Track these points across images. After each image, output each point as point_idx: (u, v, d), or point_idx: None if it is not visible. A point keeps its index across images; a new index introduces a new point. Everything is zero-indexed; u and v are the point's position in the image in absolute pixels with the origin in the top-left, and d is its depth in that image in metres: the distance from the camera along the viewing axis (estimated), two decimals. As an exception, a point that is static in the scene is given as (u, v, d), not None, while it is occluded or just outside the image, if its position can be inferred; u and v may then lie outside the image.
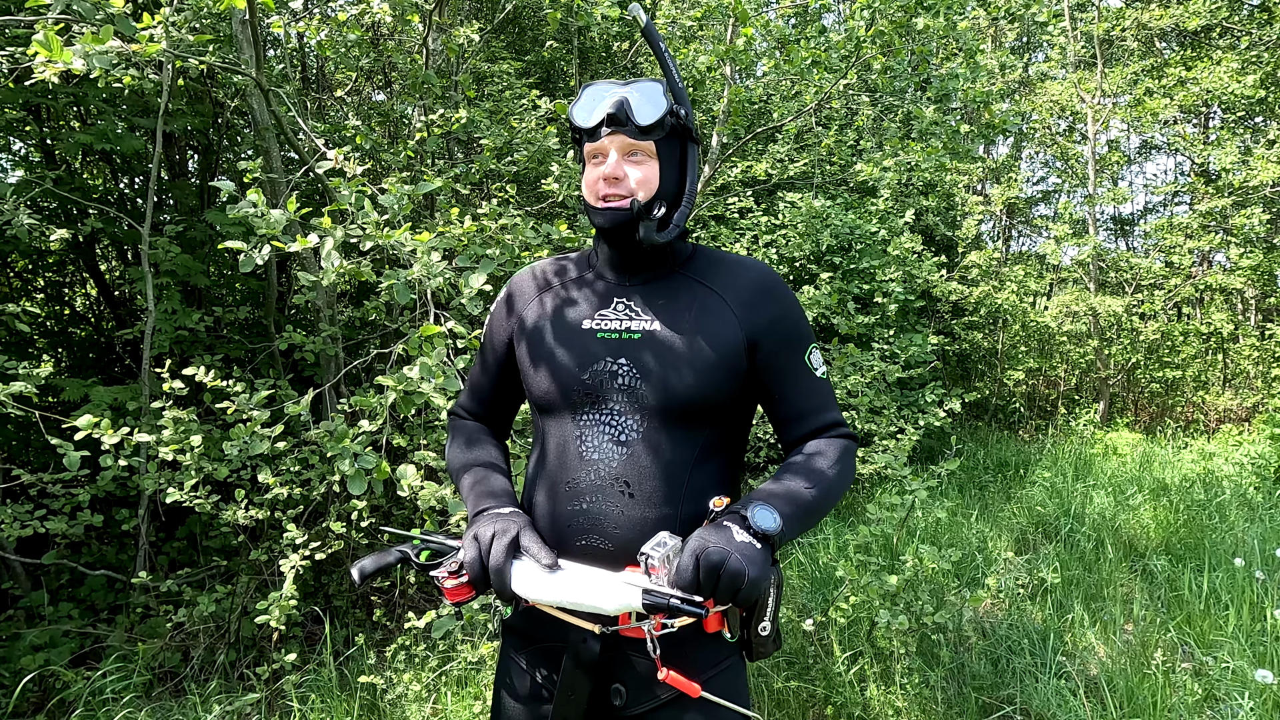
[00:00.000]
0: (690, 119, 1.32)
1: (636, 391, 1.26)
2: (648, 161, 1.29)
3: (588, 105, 1.29)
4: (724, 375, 1.27)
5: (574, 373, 1.29)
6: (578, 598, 1.14)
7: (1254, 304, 10.93)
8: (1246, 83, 8.81)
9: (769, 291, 1.34)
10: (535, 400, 1.35)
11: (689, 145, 1.34)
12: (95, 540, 3.95)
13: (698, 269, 1.36)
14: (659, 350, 1.27)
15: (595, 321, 1.33)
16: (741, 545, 1.09)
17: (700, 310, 1.31)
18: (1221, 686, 3.13)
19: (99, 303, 5.53)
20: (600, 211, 1.29)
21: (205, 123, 4.66)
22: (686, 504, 1.25)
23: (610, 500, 1.24)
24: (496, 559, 1.15)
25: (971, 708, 3.06)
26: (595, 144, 1.29)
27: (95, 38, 2.06)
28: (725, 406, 1.30)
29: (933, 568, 3.24)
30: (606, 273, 1.38)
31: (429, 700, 2.85)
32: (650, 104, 1.27)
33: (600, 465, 1.25)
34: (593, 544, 1.23)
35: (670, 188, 1.32)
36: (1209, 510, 5.59)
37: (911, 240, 6.51)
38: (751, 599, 1.07)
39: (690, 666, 1.22)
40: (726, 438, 1.33)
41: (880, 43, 4.25)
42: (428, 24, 4.08)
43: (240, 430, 2.49)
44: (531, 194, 5.07)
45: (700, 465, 1.27)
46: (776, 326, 1.32)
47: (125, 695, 2.94)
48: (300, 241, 2.39)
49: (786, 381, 1.33)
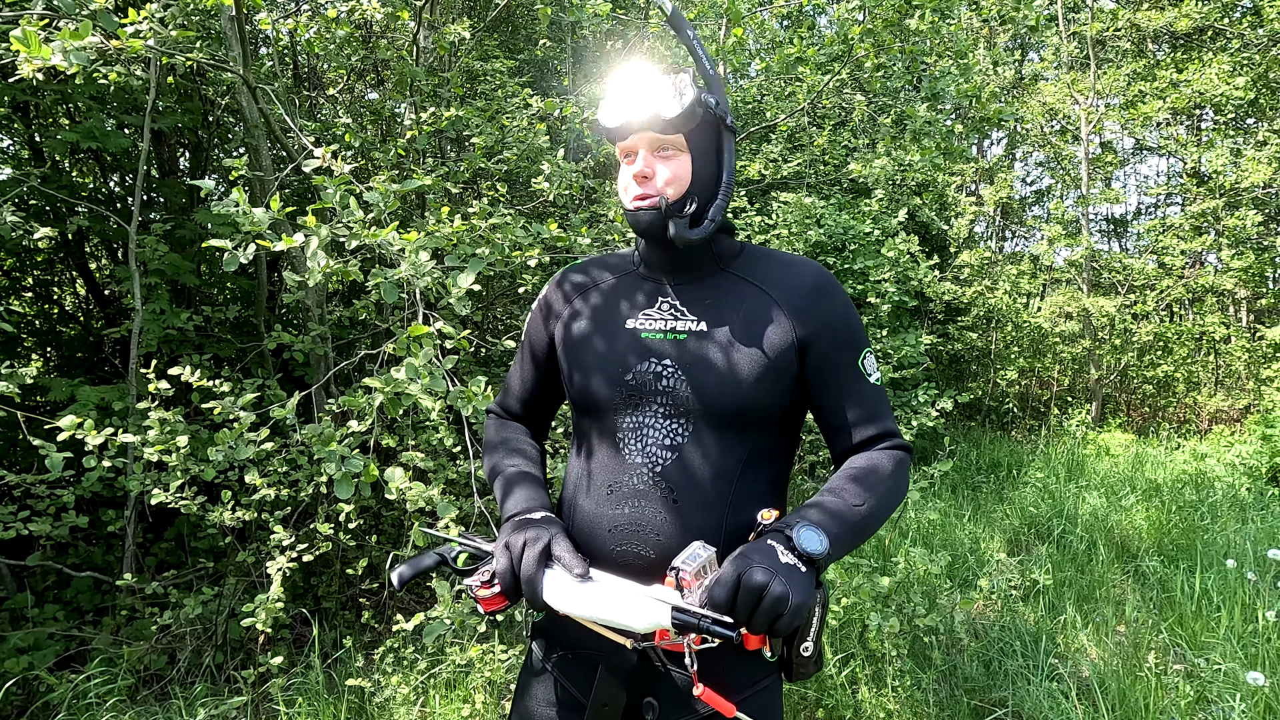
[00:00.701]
0: (723, 107, 1.25)
1: (681, 394, 1.21)
2: (678, 156, 1.23)
3: (613, 103, 1.24)
4: (773, 379, 1.22)
5: (616, 374, 1.25)
6: (608, 613, 1.09)
7: (1245, 305, 10.97)
8: (1237, 84, 8.84)
9: (823, 292, 1.27)
10: (576, 401, 1.31)
11: (724, 135, 1.27)
12: (82, 542, 3.91)
13: (745, 267, 1.31)
14: (705, 352, 1.23)
15: (639, 321, 1.28)
16: (786, 567, 1.03)
17: (749, 311, 1.25)
18: (1213, 688, 3.13)
19: (88, 301, 5.49)
20: (633, 213, 1.25)
21: (195, 120, 4.63)
22: (733, 513, 1.20)
23: (654, 506, 1.19)
24: (528, 569, 1.11)
25: (963, 711, 3.05)
26: (625, 143, 1.24)
27: (75, 34, 2.03)
28: (774, 412, 1.24)
29: (924, 569, 3.23)
30: (650, 271, 1.33)
31: (417, 703, 2.82)
32: (675, 95, 1.20)
33: (644, 469, 1.21)
34: (632, 550, 1.18)
35: (706, 181, 1.25)
36: (1201, 511, 5.60)
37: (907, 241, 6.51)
38: (792, 626, 1.01)
39: (727, 684, 1.17)
40: (775, 444, 1.28)
41: (871, 41, 4.24)
42: (419, 21, 4.05)
43: (226, 434, 2.46)
44: (523, 193, 5.05)
45: (748, 472, 1.22)
46: (830, 329, 1.26)
47: (109, 699, 2.91)
48: (286, 240, 2.36)
49: (839, 387, 1.27)
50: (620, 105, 1.23)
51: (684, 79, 1.22)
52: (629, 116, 1.21)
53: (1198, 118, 11.64)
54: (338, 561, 3.62)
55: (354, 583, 3.68)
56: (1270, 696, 2.96)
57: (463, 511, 2.99)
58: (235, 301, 4.82)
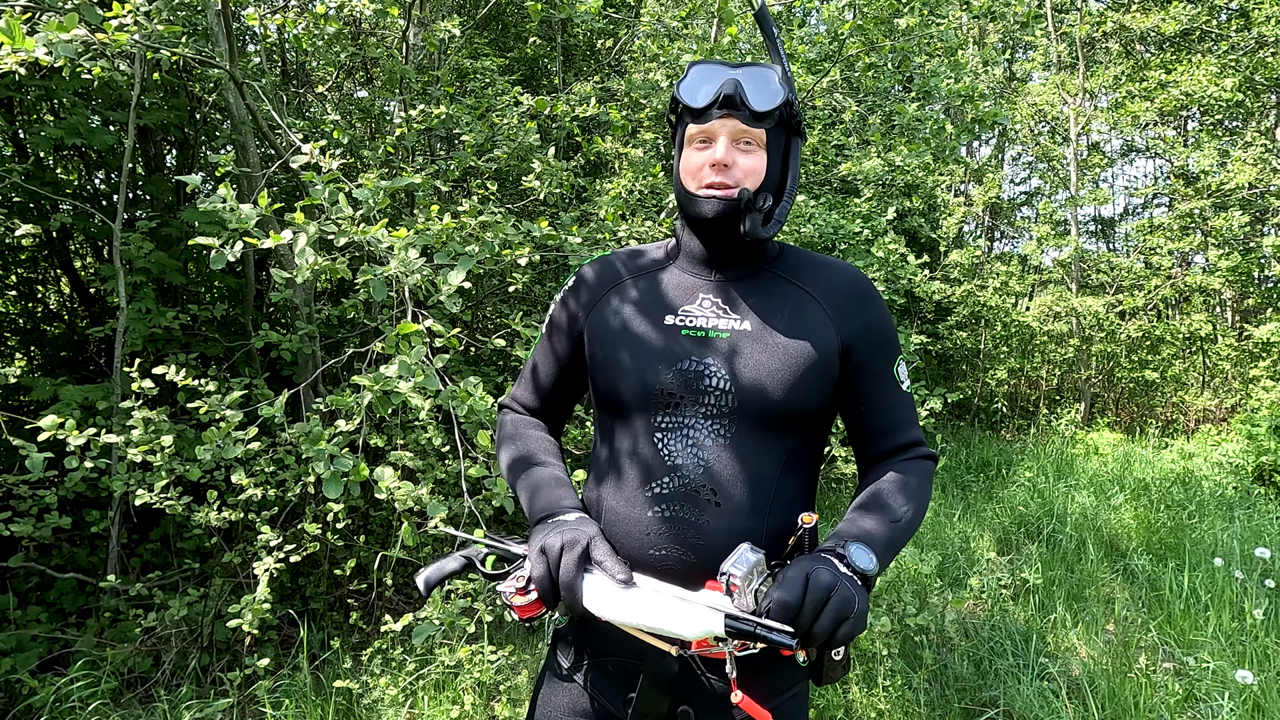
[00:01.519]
0: (799, 110, 1.24)
1: (726, 394, 1.18)
2: (757, 151, 1.21)
3: (699, 83, 1.21)
4: (817, 381, 1.20)
5: (656, 371, 1.20)
6: (656, 620, 1.04)
7: (1231, 305, 11.05)
8: (1225, 86, 8.90)
9: (865, 296, 1.27)
10: (607, 399, 1.26)
11: (794, 139, 1.26)
12: (65, 543, 3.86)
13: (788, 268, 1.29)
14: (751, 351, 1.19)
15: (679, 318, 1.24)
16: (846, 576, 1.03)
17: (793, 312, 1.23)
18: (1202, 686, 3.14)
19: (72, 300, 5.43)
20: (702, 200, 1.21)
21: (182, 117, 4.58)
22: (773, 516, 1.18)
23: (695, 509, 1.15)
24: (567, 574, 1.06)
25: (954, 710, 3.05)
26: (703, 126, 1.20)
27: (59, 26, 2.00)
28: (815, 414, 1.23)
29: (915, 569, 3.23)
30: (692, 266, 1.29)
31: (405, 704, 2.80)
32: (767, 90, 1.19)
33: (684, 471, 1.17)
34: (672, 554, 1.15)
35: (774, 181, 1.23)
36: (1189, 510, 5.63)
37: (895, 241, 6.52)
38: (855, 633, 1.00)
39: (763, 690, 1.15)
40: (810, 447, 1.26)
41: (862, 39, 4.24)
42: (409, 18, 4.03)
43: (213, 433, 2.43)
44: (513, 191, 5.03)
45: (786, 475, 1.20)
46: (871, 333, 1.25)
47: (92, 702, 2.87)
48: (274, 238, 2.34)
49: (875, 391, 1.26)
50: (708, 86, 1.20)
51: (773, 75, 1.21)
52: (719, 100, 1.18)
53: (1185, 119, 11.72)
54: (325, 562, 3.59)
55: (342, 583, 3.65)
56: (1259, 694, 2.97)
57: (452, 511, 2.96)
58: (222, 300, 4.78)
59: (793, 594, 0.99)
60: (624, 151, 4.52)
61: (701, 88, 1.20)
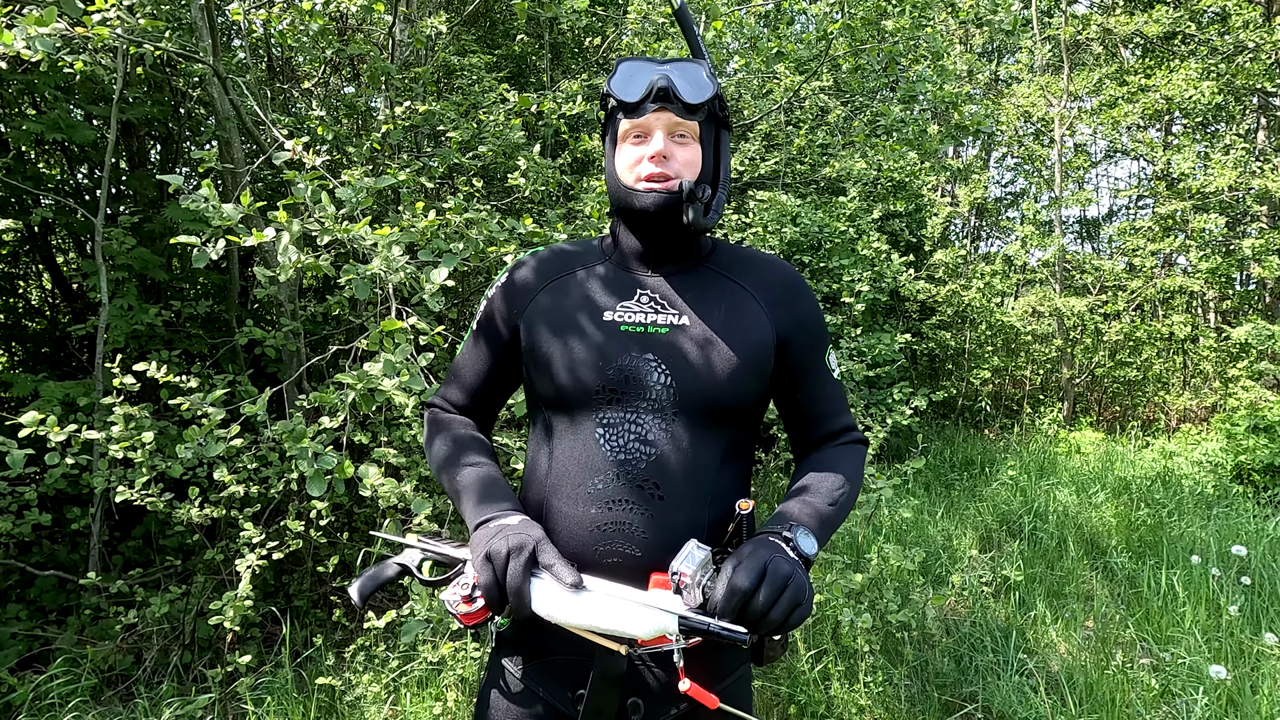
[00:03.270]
0: (726, 104, 1.28)
1: (667, 389, 1.19)
2: (692, 143, 1.23)
3: (631, 78, 1.22)
4: (755, 374, 1.23)
5: (596, 368, 1.20)
6: (608, 623, 1.05)
7: (1213, 306, 11.16)
8: (1204, 89, 8.99)
9: (798, 290, 1.31)
10: (546, 396, 1.25)
11: (722, 132, 1.29)
12: (45, 540, 3.84)
13: (722, 263, 1.31)
14: (691, 346, 1.21)
15: (617, 314, 1.24)
16: (797, 563, 1.06)
17: (730, 307, 1.25)
18: (1178, 682, 3.18)
19: (54, 296, 5.38)
20: (642, 193, 1.22)
21: (165, 112, 4.55)
22: (714, 507, 1.20)
23: (640, 504, 1.16)
24: (514, 580, 1.05)
25: (934, 706, 3.08)
26: (638, 120, 1.22)
27: (38, 19, 1.99)
28: (752, 406, 1.26)
29: (898, 565, 3.25)
30: (628, 262, 1.30)
31: (388, 701, 2.80)
32: (697, 84, 1.22)
33: (627, 467, 1.17)
34: (618, 549, 1.16)
35: (709, 172, 1.26)
36: (1168, 508, 5.69)
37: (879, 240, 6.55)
38: (805, 618, 1.04)
39: (707, 675, 1.17)
40: (746, 438, 1.28)
41: (849, 39, 4.26)
42: (394, 14, 4.02)
43: (193, 432, 2.42)
44: (499, 189, 5.02)
45: (725, 466, 1.22)
46: (804, 326, 1.29)
47: (72, 699, 2.85)
48: (256, 235, 2.33)
49: (809, 382, 1.31)
50: (640, 80, 1.22)
51: (701, 70, 1.23)
52: (652, 93, 1.20)
53: (1168, 122, 11.82)
54: (309, 559, 3.58)
55: (325, 580, 3.64)
56: (1232, 690, 3.02)
57: (436, 509, 2.96)
58: (206, 296, 4.75)
59: (748, 580, 1.01)
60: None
61: (633, 83, 1.22)
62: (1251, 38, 8.95)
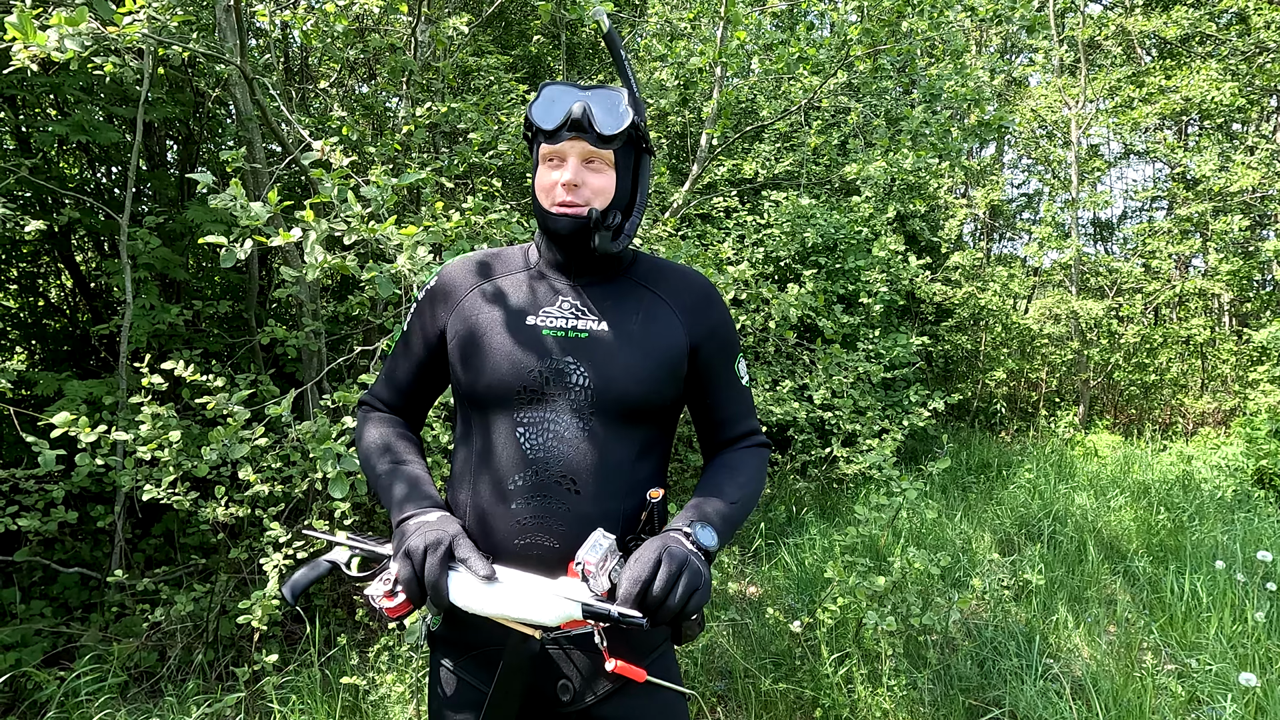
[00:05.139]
0: (645, 130, 1.33)
1: (585, 390, 1.26)
2: (606, 170, 1.29)
3: (549, 106, 1.28)
4: (668, 376, 1.31)
5: (518, 369, 1.27)
6: (520, 611, 1.13)
7: (1229, 309, 11.07)
8: (1225, 90, 8.92)
9: (710, 300, 1.39)
10: (470, 395, 1.32)
11: (643, 156, 1.35)
12: (69, 537, 3.86)
13: (641, 274, 1.39)
14: (608, 350, 1.28)
15: (539, 319, 1.31)
16: (694, 553, 1.16)
17: (647, 314, 1.33)
18: (1205, 689, 3.15)
19: (74, 295, 5.42)
20: (555, 217, 1.28)
21: (186, 112, 4.57)
22: (629, 499, 1.28)
23: (557, 498, 1.24)
24: (432, 574, 1.13)
25: (959, 710, 3.05)
26: (553, 146, 1.28)
27: (69, 19, 2.00)
28: (666, 406, 1.34)
29: (921, 568, 3.24)
30: (551, 271, 1.37)
31: (412, 702, 2.80)
32: (614, 114, 1.27)
33: (546, 463, 1.25)
34: (538, 542, 1.23)
35: (623, 197, 1.33)
36: (1188, 513, 5.64)
37: (895, 241, 6.53)
38: (703, 602, 1.14)
39: (631, 654, 1.24)
40: (662, 434, 1.37)
41: (868, 42, 4.25)
42: (416, 15, 4.02)
43: (218, 433, 2.43)
44: (516, 188, 5.03)
45: (640, 461, 1.31)
46: (715, 334, 1.38)
47: (100, 696, 2.87)
48: (283, 236, 2.34)
49: (718, 386, 1.40)
50: (557, 109, 1.27)
51: (620, 98, 1.28)
52: (567, 123, 1.25)
53: (1184, 124, 11.74)
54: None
55: (345, 580, 3.65)
56: (1261, 697, 2.98)
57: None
58: (226, 296, 4.77)
59: (646, 570, 1.12)
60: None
61: (552, 110, 1.28)
62: (1273, 38, 8.87)
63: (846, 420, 5.13)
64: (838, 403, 4.88)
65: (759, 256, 5.95)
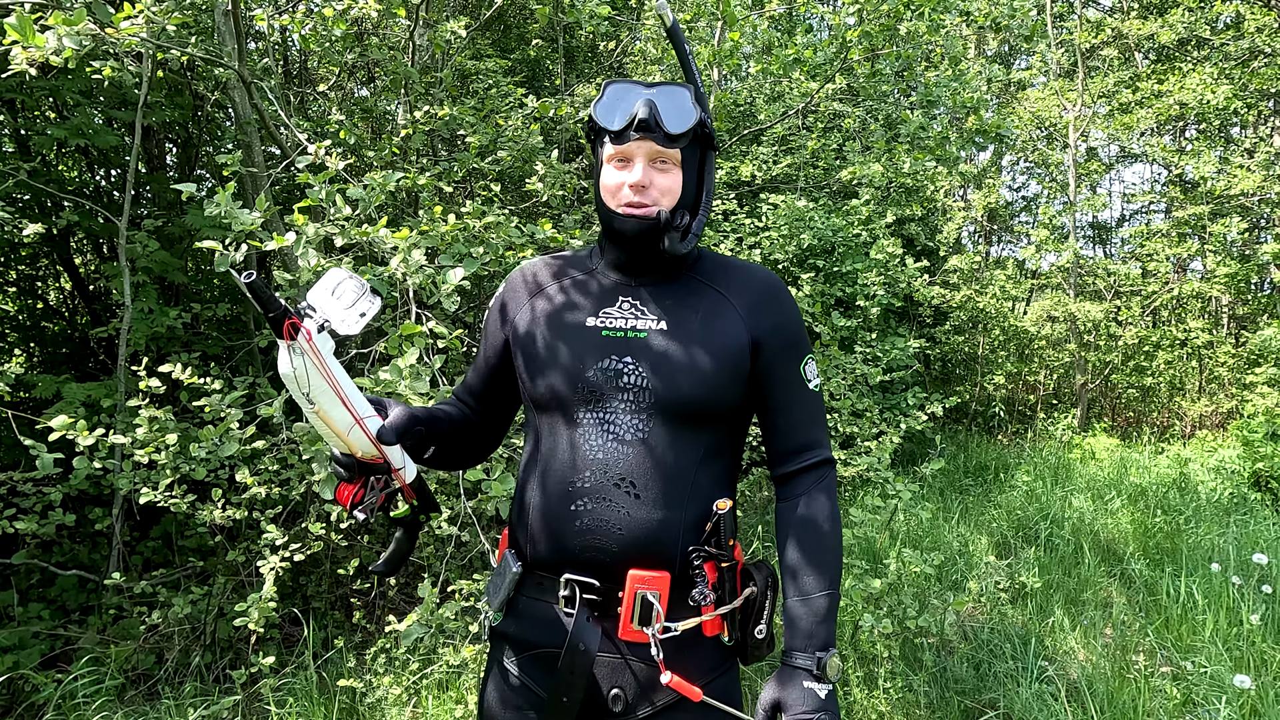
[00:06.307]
0: (711, 126, 1.30)
1: (644, 390, 1.24)
2: (673, 170, 1.26)
3: (614, 105, 1.26)
4: (730, 377, 1.26)
5: (577, 370, 1.26)
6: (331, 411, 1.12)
7: (1228, 312, 11.09)
8: (1220, 93, 8.94)
9: (775, 295, 1.34)
10: (533, 398, 1.32)
11: (708, 153, 1.32)
12: (67, 539, 3.86)
13: (704, 272, 1.35)
14: (667, 350, 1.26)
15: (599, 319, 1.30)
16: (828, 702, 1.17)
17: (707, 312, 1.30)
18: (1200, 691, 3.16)
19: (74, 297, 5.42)
20: (623, 218, 1.26)
21: (185, 116, 4.58)
22: (691, 506, 1.23)
23: (615, 501, 1.21)
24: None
25: (954, 712, 3.06)
26: (620, 147, 1.25)
27: (68, 21, 2.01)
28: (729, 408, 1.29)
29: (916, 571, 3.24)
30: (611, 272, 1.35)
31: (409, 704, 2.81)
32: (681, 112, 1.24)
33: (605, 465, 1.22)
34: (596, 545, 1.21)
35: (690, 196, 1.30)
36: (1185, 515, 5.65)
37: (893, 244, 6.54)
38: None
39: (691, 670, 1.21)
40: (728, 440, 1.32)
41: (865, 45, 4.26)
42: (414, 19, 4.04)
43: (209, 431, 2.44)
44: (515, 193, 5.03)
45: (704, 466, 1.26)
46: (780, 331, 1.32)
47: (97, 699, 2.87)
48: (277, 240, 2.35)
49: (782, 388, 1.32)
50: (624, 108, 1.24)
51: (687, 96, 1.26)
52: (634, 123, 1.23)
53: (1180, 128, 11.76)
54: (328, 561, 3.60)
55: (344, 582, 3.65)
56: (1256, 699, 2.99)
57: (454, 511, 2.97)
58: (225, 299, 4.78)
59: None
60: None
61: (617, 110, 1.25)
62: (1267, 43, 8.89)
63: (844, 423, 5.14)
64: (836, 404, 4.89)
65: (756, 259, 5.96)
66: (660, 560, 1.21)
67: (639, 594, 1.19)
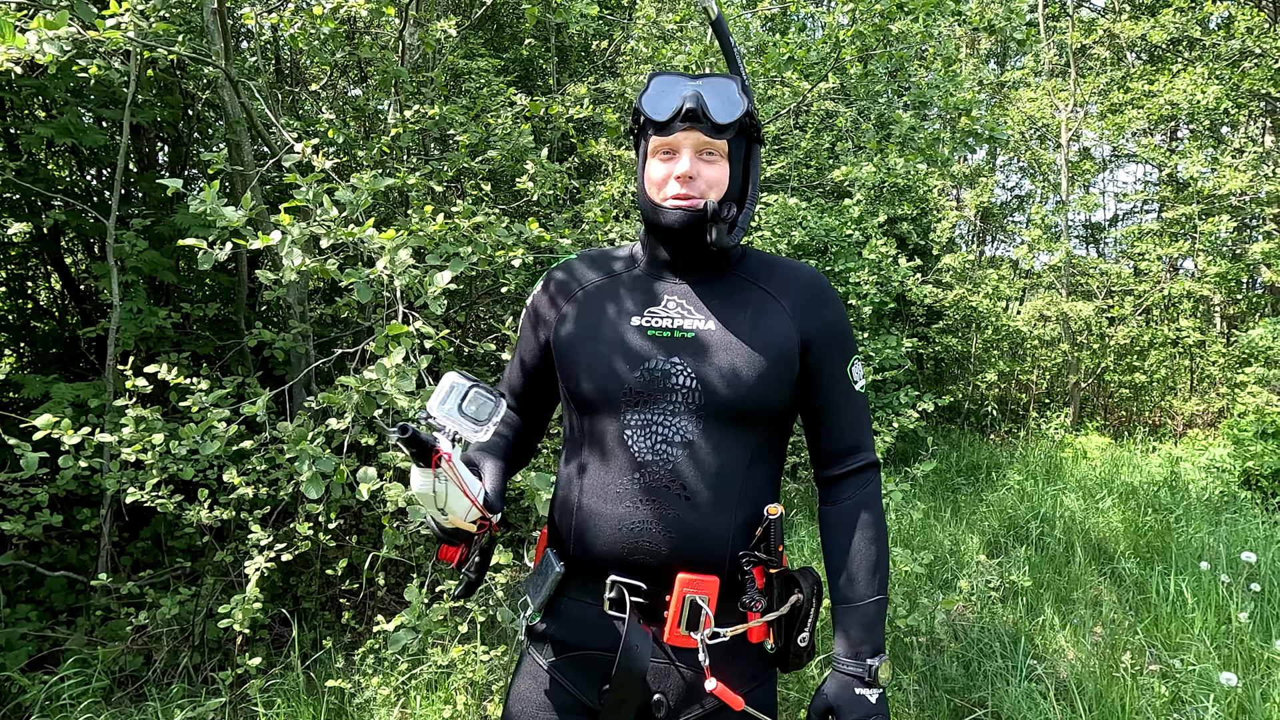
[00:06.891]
0: (757, 118, 1.28)
1: (694, 392, 1.22)
2: (719, 161, 1.24)
3: (661, 96, 1.23)
4: (779, 377, 1.24)
5: (623, 371, 1.24)
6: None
7: (1219, 311, 11.13)
8: (1210, 93, 8.97)
9: (823, 294, 1.32)
10: (576, 399, 1.29)
11: (754, 145, 1.30)
12: (55, 540, 3.85)
13: (750, 270, 1.33)
14: (715, 350, 1.23)
15: (644, 319, 1.27)
16: (879, 706, 1.19)
17: (755, 311, 1.27)
18: (1188, 689, 3.17)
19: (63, 297, 5.41)
20: (668, 210, 1.23)
21: (175, 115, 4.57)
22: (741, 509, 1.22)
23: (666, 505, 1.19)
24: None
25: (944, 711, 3.07)
26: (667, 138, 1.23)
27: (49, 23, 2.00)
28: (778, 409, 1.27)
29: (906, 570, 3.24)
30: (657, 270, 1.33)
31: (398, 704, 2.80)
32: (728, 102, 1.22)
33: (654, 468, 1.20)
34: (645, 548, 1.19)
35: (736, 188, 1.27)
36: (1176, 514, 5.67)
37: (886, 244, 6.55)
38: None
39: (734, 677, 1.20)
40: (775, 440, 1.30)
41: (859, 45, 4.26)
42: (404, 17, 4.03)
43: (190, 429, 2.43)
44: (507, 192, 5.03)
45: (753, 469, 1.24)
46: (828, 331, 1.30)
47: (83, 700, 2.86)
48: (263, 239, 2.34)
49: (829, 389, 1.30)
50: (670, 99, 1.22)
51: (733, 86, 1.24)
52: (681, 113, 1.21)
53: (1172, 128, 11.79)
54: (317, 561, 3.59)
55: (333, 583, 3.65)
56: (1243, 697, 3.00)
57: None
58: (215, 298, 4.77)
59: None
60: (617, 154, 4.53)
61: (663, 100, 1.23)
62: (1257, 43, 8.93)
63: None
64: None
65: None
66: (710, 564, 1.19)
67: (687, 598, 1.17)
